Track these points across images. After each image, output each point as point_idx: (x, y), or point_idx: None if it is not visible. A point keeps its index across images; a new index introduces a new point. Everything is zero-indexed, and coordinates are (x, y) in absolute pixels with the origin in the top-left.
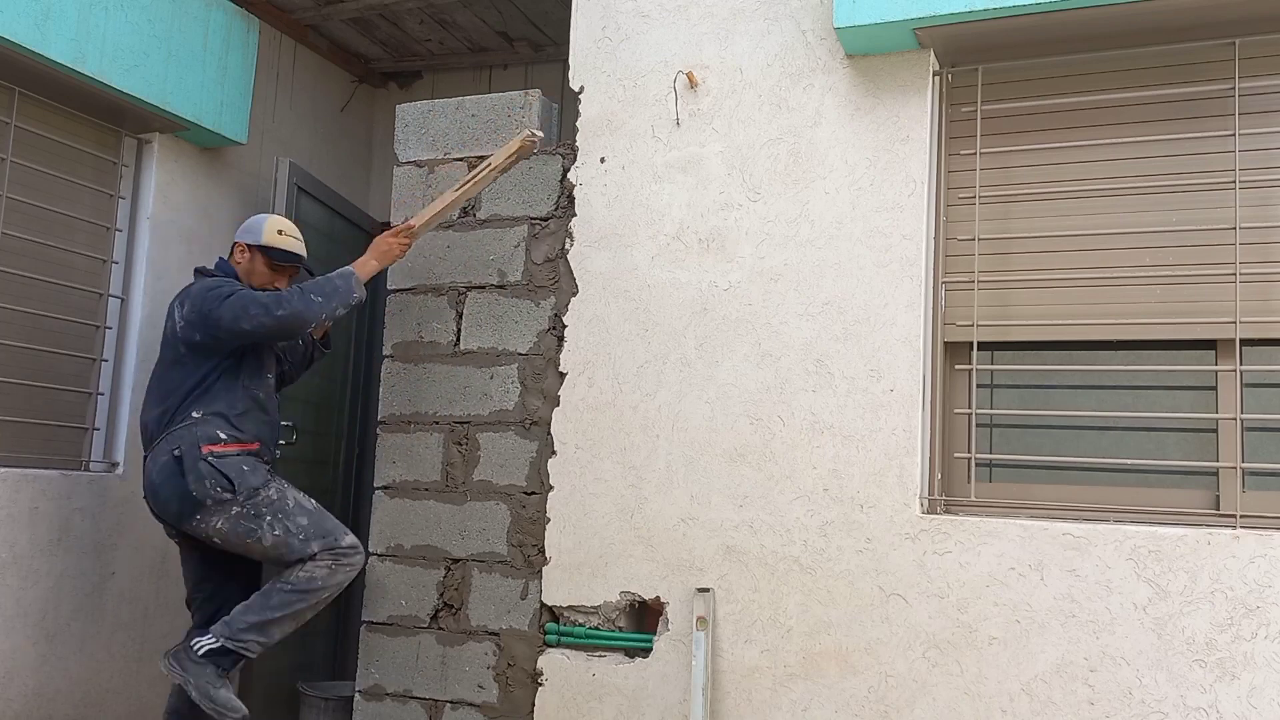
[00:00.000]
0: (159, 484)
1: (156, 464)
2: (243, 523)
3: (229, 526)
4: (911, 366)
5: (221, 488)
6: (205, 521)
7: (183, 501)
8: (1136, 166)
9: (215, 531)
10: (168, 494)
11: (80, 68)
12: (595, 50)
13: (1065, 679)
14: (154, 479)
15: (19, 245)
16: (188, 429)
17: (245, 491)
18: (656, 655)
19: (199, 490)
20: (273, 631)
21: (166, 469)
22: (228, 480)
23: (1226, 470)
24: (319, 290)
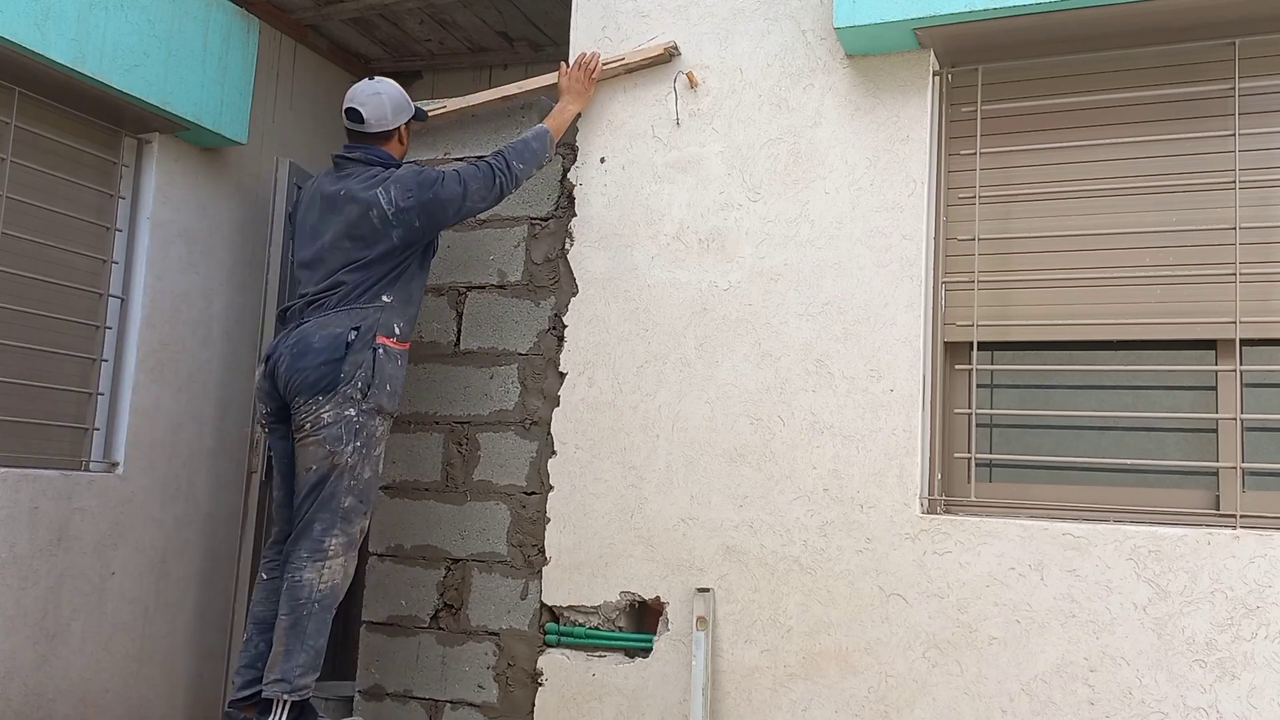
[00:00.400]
0: (315, 348)
1: (322, 331)
2: (341, 428)
3: (331, 421)
4: (911, 366)
5: (363, 384)
6: (320, 405)
7: (325, 374)
8: (1136, 166)
9: (315, 420)
10: (316, 361)
11: (80, 68)
12: (595, 49)
13: (1065, 679)
14: (312, 342)
15: (19, 245)
16: (375, 310)
17: (371, 407)
18: (656, 655)
19: (348, 372)
20: (319, 657)
21: (334, 340)
22: (371, 382)
23: (1226, 470)
24: (519, 156)
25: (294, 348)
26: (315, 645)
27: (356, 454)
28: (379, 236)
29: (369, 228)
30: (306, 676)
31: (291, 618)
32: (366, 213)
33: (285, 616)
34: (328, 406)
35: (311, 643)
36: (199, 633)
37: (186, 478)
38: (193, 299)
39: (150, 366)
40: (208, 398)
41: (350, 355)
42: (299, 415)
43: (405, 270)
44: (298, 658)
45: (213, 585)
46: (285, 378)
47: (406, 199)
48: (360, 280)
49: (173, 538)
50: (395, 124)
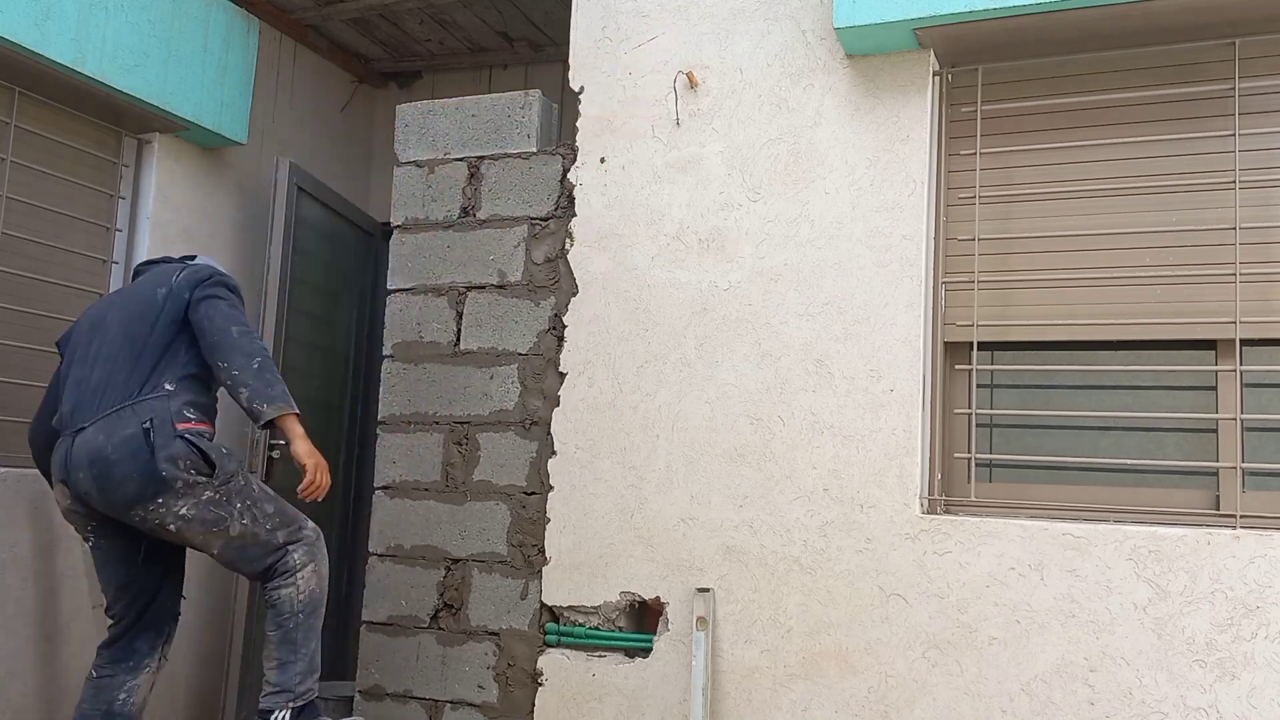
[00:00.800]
0: (115, 460)
1: (114, 437)
2: (212, 509)
3: (196, 513)
4: (911, 366)
5: (197, 469)
6: (167, 507)
7: (146, 482)
8: (1137, 166)
9: (176, 519)
10: (127, 472)
11: (80, 68)
12: (595, 50)
13: (1065, 679)
14: (107, 454)
15: (19, 245)
16: (161, 400)
17: (222, 476)
18: (656, 655)
19: (169, 470)
20: (316, 660)
21: (130, 443)
22: (207, 462)
23: (1226, 470)
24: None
25: (91, 466)
26: (309, 651)
27: (245, 514)
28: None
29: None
30: (307, 681)
31: (280, 633)
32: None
33: (273, 634)
34: (178, 503)
35: (304, 650)
36: (199, 633)
37: None
38: None
39: None
40: None
41: (160, 454)
42: (153, 521)
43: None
44: (294, 666)
45: (212, 585)
46: (102, 500)
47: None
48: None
49: None
50: None
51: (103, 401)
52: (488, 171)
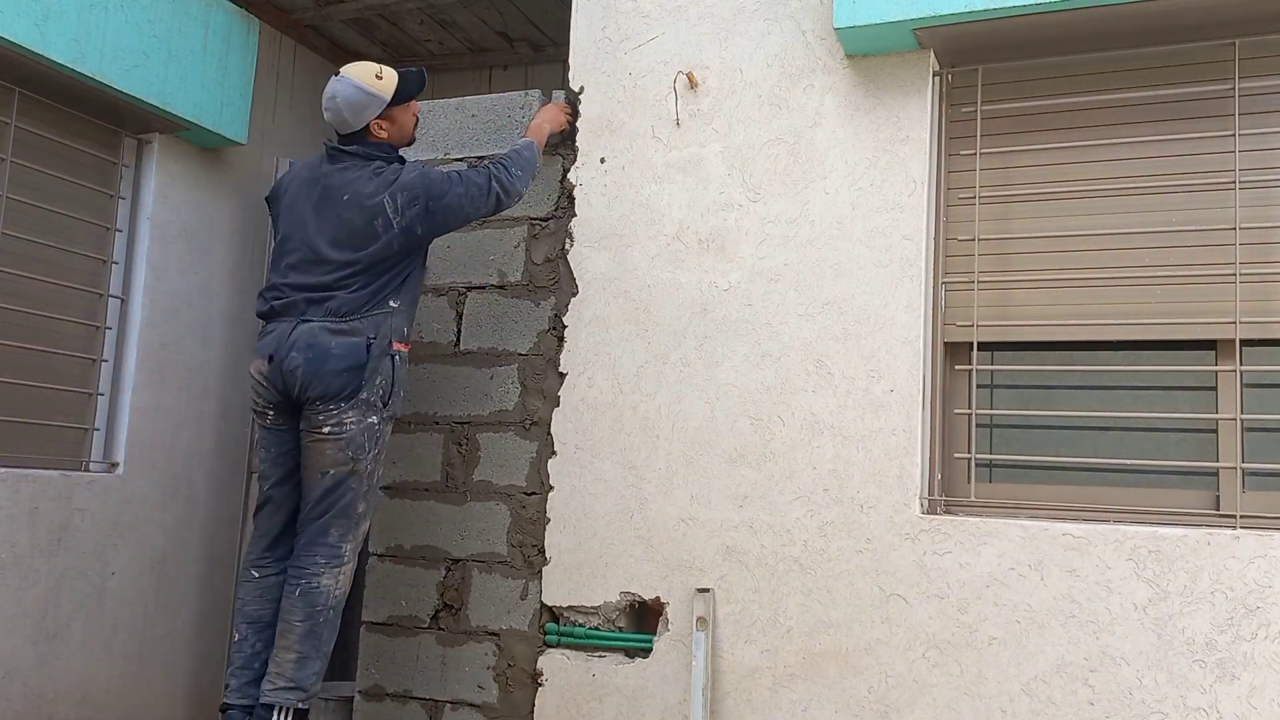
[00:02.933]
0: (335, 355)
1: (339, 337)
2: (363, 437)
3: (355, 429)
4: (911, 367)
5: (384, 392)
6: (343, 412)
7: (347, 384)
8: (1137, 166)
9: (338, 423)
10: (336, 369)
11: (80, 68)
12: (595, 50)
13: (1065, 679)
14: (329, 348)
15: (19, 245)
16: (385, 316)
17: (390, 414)
18: (656, 655)
19: (370, 382)
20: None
21: (353, 348)
22: (391, 390)
23: (1226, 470)
24: (518, 164)
25: (308, 350)
26: (328, 650)
27: (374, 460)
28: (383, 243)
29: (373, 233)
30: (319, 682)
31: (308, 624)
32: (372, 220)
33: (301, 623)
34: (351, 413)
35: (326, 649)
36: (199, 633)
37: (186, 478)
38: (193, 299)
39: (150, 367)
40: (208, 398)
41: (370, 364)
42: (318, 417)
43: (410, 274)
44: (313, 664)
45: (212, 586)
46: (303, 380)
47: (412, 208)
48: (368, 284)
49: (172, 538)
50: (359, 124)
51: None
52: None
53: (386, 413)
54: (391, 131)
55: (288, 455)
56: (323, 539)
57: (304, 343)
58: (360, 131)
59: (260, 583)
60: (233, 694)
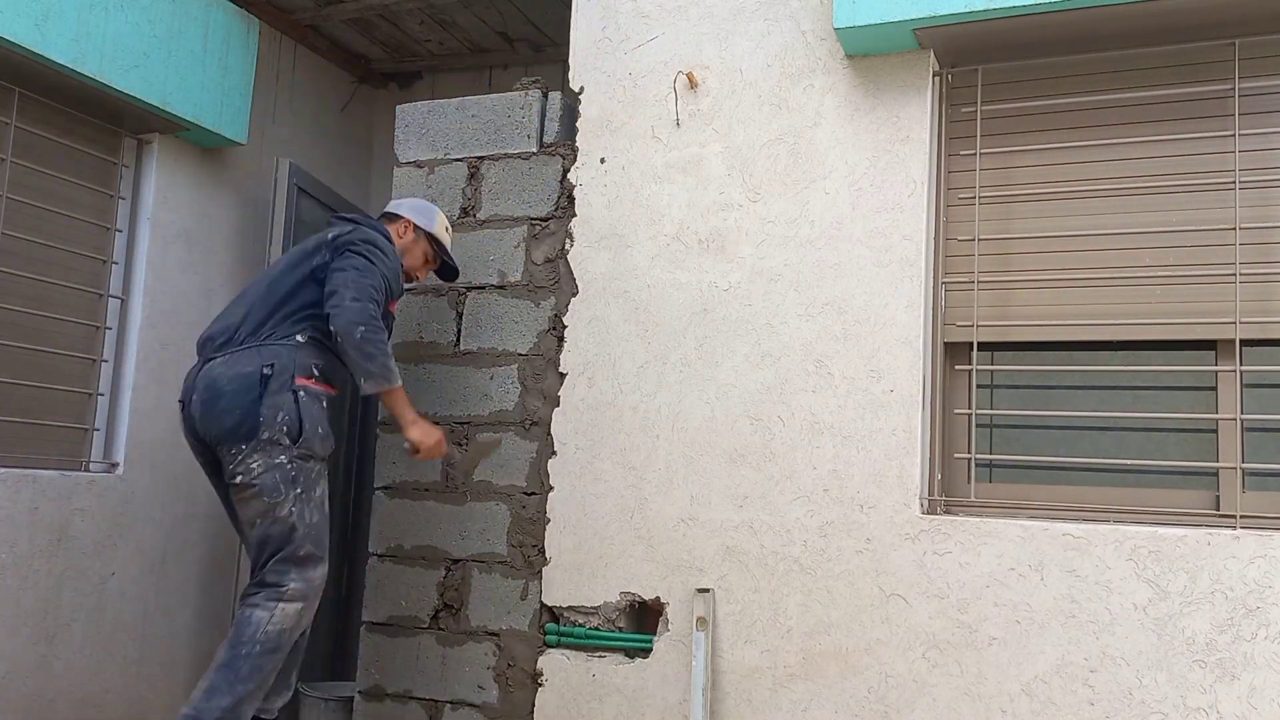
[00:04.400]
0: (226, 391)
1: (231, 371)
2: (277, 476)
3: (263, 472)
4: (911, 367)
5: (288, 430)
6: (247, 455)
7: (243, 422)
8: (1137, 166)
9: (246, 471)
10: (230, 405)
11: (80, 68)
12: (595, 50)
13: (1065, 679)
14: (221, 385)
15: (19, 246)
16: (288, 349)
17: (303, 450)
18: (656, 656)
19: (268, 418)
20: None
21: (245, 381)
22: (299, 427)
23: (1226, 471)
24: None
25: (205, 391)
26: (244, 690)
27: (298, 502)
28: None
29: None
30: None
31: (229, 654)
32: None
33: (224, 651)
34: (256, 456)
35: (242, 686)
36: (199, 633)
37: (186, 478)
38: (193, 299)
39: (150, 367)
40: None
41: (266, 400)
42: (229, 466)
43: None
44: (221, 699)
45: (212, 586)
46: (201, 424)
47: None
48: (280, 310)
49: (172, 538)
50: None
51: (236, 337)
52: (488, 172)
53: (298, 450)
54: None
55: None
56: (266, 575)
57: (203, 383)
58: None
59: None
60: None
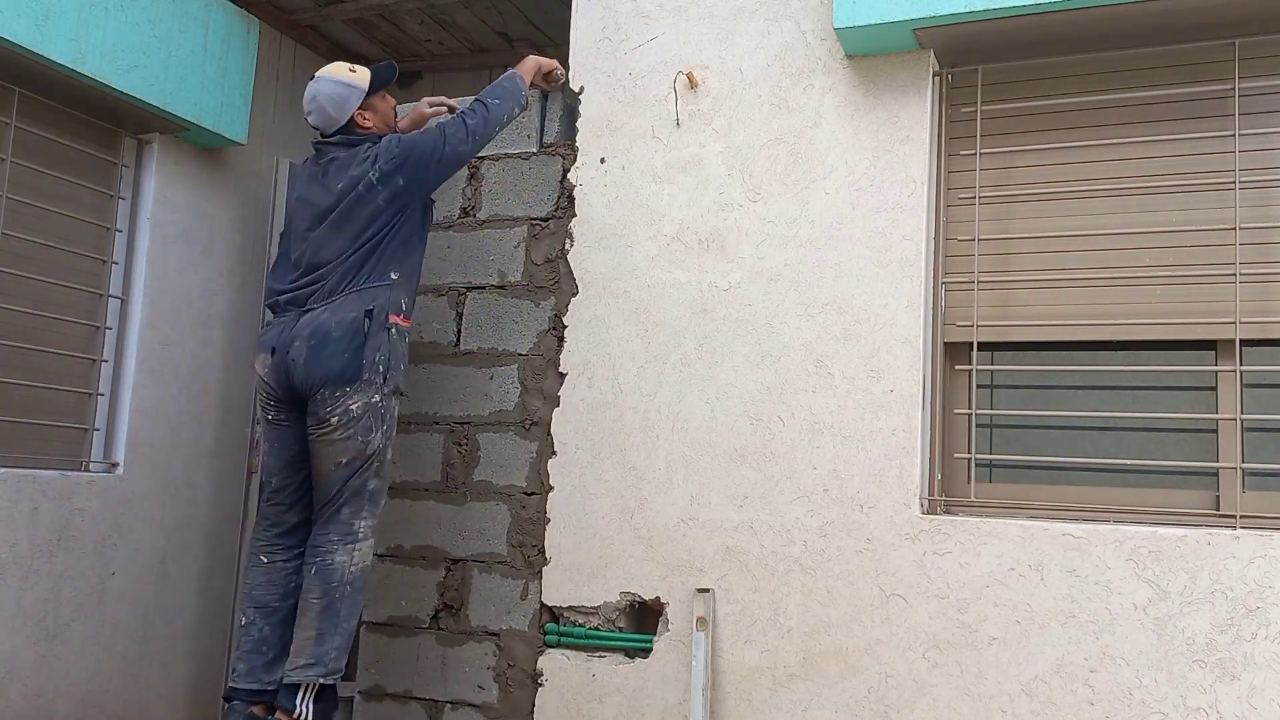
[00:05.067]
0: (335, 337)
1: (337, 316)
2: (369, 417)
3: (361, 412)
4: (911, 367)
5: (384, 368)
6: (346, 397)
7: (348, 365)
8: (1137, 166)
9: (344, 412)
10: (336, 351)
11: (80, 68)
12: (595, 50)
13: (1065, 679)
14: (329, 330)
15: (19, 246)
16: (384, 289)
17: (391, 389)
18: (656, 656)
19: (369, 359)
20: (352, 636)
21: (352, 325)
22: (389, 364)
23: (1226, 471)
24: (492, 94)
25: (310, 338)
26: (349, 627)
27: (384, 438)
28: (371, 206)
29: (360, 200)
30: (341, 659)
31: (325, 600)
32: (354, 187)
33: (318, 600)
34: (355, 397)
35: (346, 625)
36: (199, 633)
37: (186, 478)
38: (193, 299)
39: (150, 367)
40: (208, 398)
41: (369, 340)
42: (323, 408)
43: (408, 240)
44: (333, 640)
45: (212, 586)
46: (305, 370)
47: (389, 162)
48: (364, 257)
49: (173, 538)
50: (344, 117)
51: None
52: (488, 171)
53: (388, 387)
54: (375, 120)
55: (293, 450)
56: (336, 519)
57: (306, 331)
58: (345, 125)
59: (269, 568)
60: (240, 678)
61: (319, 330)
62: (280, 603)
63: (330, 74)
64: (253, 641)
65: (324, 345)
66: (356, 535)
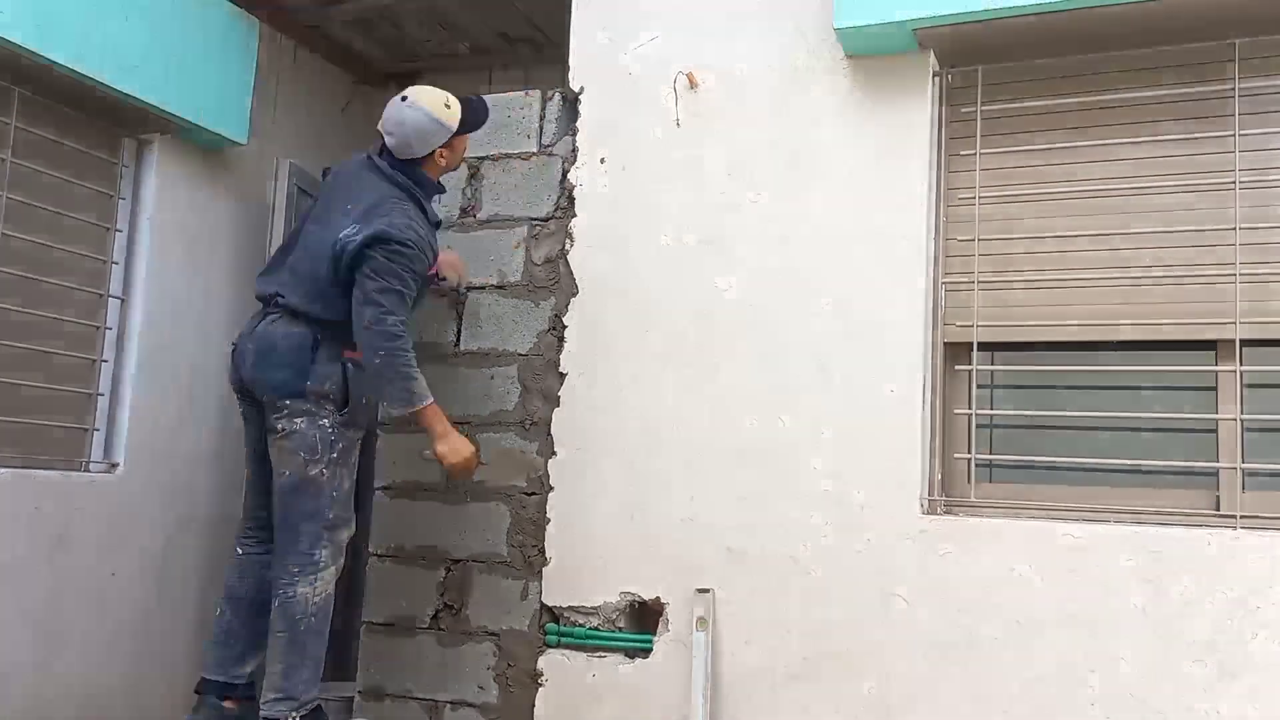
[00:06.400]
0: (281, 348)
1: (290, 331)
2: (317, 440)
3: (303, 430)
4: (912, 367)
5: (335, 397)
6: (292, 411)
7: (295, 378)
8: (1137, 166)
9: (289, 427)
10: (283, 361)
11: (80, 68)
12: (595, 50)
13: (1065, 679)
14: (277, 341)
15: (19, 246)
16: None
17: (347, 418)
18: (656, 656)
19: (315, 383)
20: (322, 663)
21: (299, 339)
22: (344, 395)
23: (1226, 471)
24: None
25: (260, 341)
26: (315, 657)
27: (332, 466)
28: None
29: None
30: (312, 689)
31: (289, 635)
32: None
33: (282, 634)
34: (300, 417)
35: (312, 656)
36: (199, 633)
37: (187, 479)
38: (193, 299)
39: (150, 367)
40: (208, 398)
41: (318, 365)
42: (271, 416)
43: None
44: (300, 672)
45: (214, 586)
46: (251, 373)
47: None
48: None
49: (174, 539)
50: (423, 151)
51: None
52: (488, 172)
53: (342, 419)
54: (449, 159)
55: (258, 444)
56: (294, 547)
57: (259, 334)
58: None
59: (243, 559)
60: (210, 669)
61: (267, 338)
62: (249, 594)
63: (424, 104)
64: (223, 632)
65: (269, 353)
66: (317, 565)
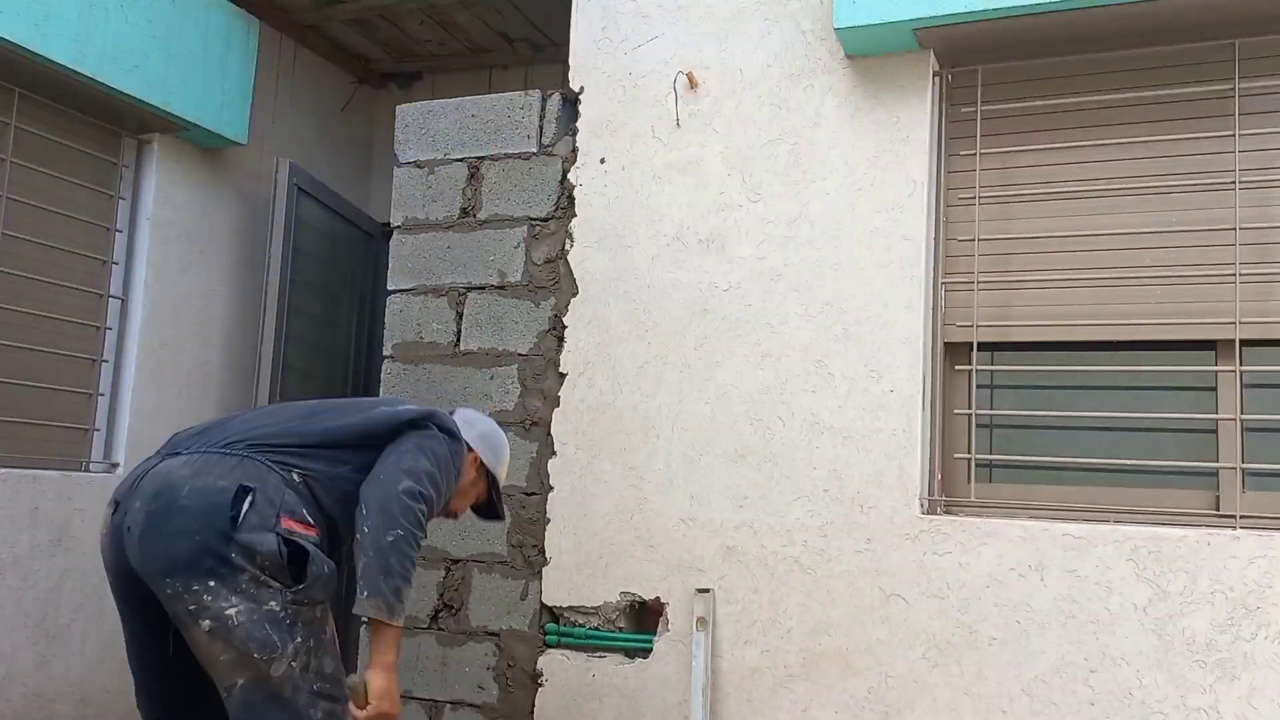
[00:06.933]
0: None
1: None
2: (267, 628)
3: (245, 621)
4: (911, 367)
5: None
6: (213, 596)
7: (203, 553)
8: (1137, 167)
9: (216, 617)
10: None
11: (80, 68)
12: (595, 50)
13: (1065, 679)
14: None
15: (19, 246)
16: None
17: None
18: (656, 656)
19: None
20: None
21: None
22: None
23: (1226, 471)
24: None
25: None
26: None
27: (302, 655)
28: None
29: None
30: None
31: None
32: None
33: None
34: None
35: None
36: None
37: None
38: (193, 299)
39: (150, 367)
40: (208, 398)
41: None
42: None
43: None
44: None
45: None
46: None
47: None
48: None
49: None
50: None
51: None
52: (488, 172)
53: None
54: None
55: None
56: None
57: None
58: None
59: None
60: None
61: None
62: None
63: None
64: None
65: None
66: None
